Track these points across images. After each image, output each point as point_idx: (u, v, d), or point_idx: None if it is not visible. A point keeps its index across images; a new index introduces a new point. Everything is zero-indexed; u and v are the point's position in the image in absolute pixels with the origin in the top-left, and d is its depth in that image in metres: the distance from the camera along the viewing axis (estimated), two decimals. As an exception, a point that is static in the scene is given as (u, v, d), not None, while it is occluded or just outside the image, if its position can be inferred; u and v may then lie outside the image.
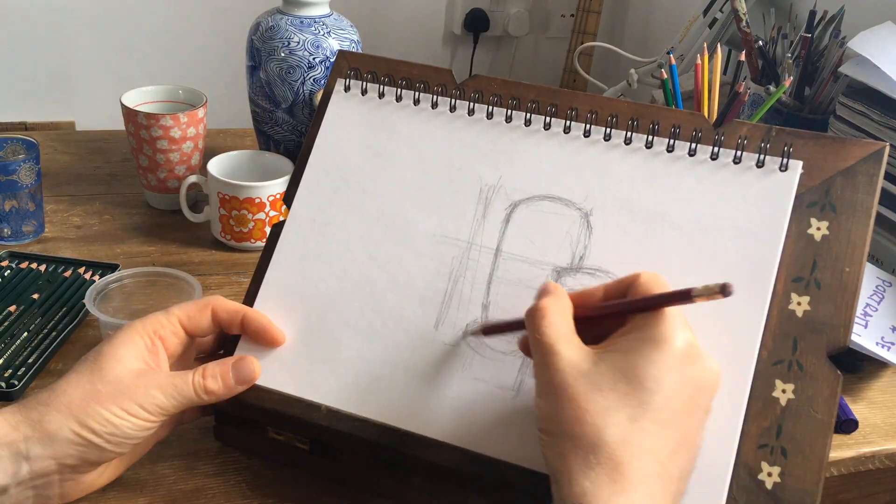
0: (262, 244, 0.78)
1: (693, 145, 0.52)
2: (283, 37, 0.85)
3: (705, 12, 1.19)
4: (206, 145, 0.87)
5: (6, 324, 0.65)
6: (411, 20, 2.02)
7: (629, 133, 0.53)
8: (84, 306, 0.67)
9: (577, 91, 0.56)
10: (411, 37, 2.03)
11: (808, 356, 0.46)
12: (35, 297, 0.68)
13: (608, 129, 0.53)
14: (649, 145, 0.52)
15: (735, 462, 0.45)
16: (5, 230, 0.77)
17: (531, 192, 0.53)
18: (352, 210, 0.55)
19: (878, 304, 0.69)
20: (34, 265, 0.73)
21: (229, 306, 0.52)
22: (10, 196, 0.75)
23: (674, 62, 0.74)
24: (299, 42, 0.84)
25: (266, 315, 0.52)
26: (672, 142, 0.52)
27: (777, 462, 0.45)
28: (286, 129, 0.88)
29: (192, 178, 0.81)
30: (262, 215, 0.77)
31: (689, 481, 0.41)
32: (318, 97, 0.86)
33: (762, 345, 0.47)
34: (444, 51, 2.09)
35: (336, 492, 0.53)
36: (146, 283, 0.65)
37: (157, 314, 0.50)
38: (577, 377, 0.41)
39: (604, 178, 0.52)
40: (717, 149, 0.51)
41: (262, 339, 0.52)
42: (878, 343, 0.65)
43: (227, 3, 1.84)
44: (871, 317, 0.68)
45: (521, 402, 0.48)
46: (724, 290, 0.39)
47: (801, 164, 0.50)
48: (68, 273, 0.72)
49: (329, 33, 0.86)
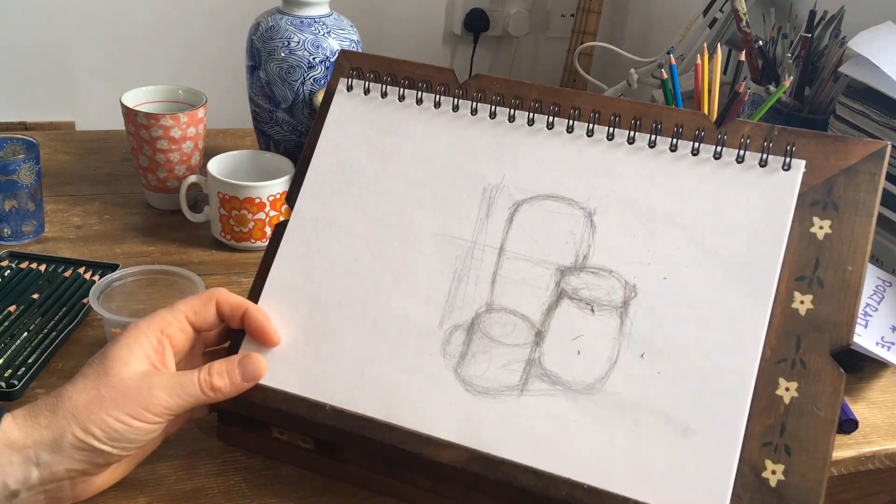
0: (262, 244, 0.78)
1: (696, 144, 0.52)
2: (283, 37, 0.84)
3: (705, 12, 1.19)
4: (206, 145, 0.87)
5: (6, 324, 0.65)
6: (411, 20, 2.02)
7: (632, 132, 0.53)
8: (84, 306, 0.67)
9: (579, 90, 0.57)
10: (411, 37, 2.03)
11: (812, 354, 0.46)
12: (35, 297, 0.68)
13: (611, 129, 0.53)
14: (652, 144, 0.52)
15: (739, 460, 0.45)
16: (5, 230, 0.76)
17: (534, 192, 0.53)
18: (355, 209, 0.55)
19: (879, 303, 0.69)
20: (34, 265, 0.73)
21: (232, 300, 0.52)
22: (10, 196, 0.75)
23: (674, 62, 0.75)
24: (299, 42, 0.84)
25: (266, 314, 0.52)
26: (675, 141, 0.52)
27: (781, 460, 0.45)
28: (286, 129, 0.88)
29: (192, 178, 0.80)
30: (262, 215, 0.77)
31: (692, 479, 0.41)
32: (319, 97, 0.86)
33: (765, 343, 0.47)
34: (444, 51, 2.09)
35: (337, 491, 0.53)
36: (148, 282, 0.65)
37: (162, 312, 0.50)
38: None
39: (607, 177, 0.52)
40: (719, 148, 0.51)
41: (259, 338, 0.52)
42: (878, 343, 0.65)
43: (227, 3, 1.84)
44: (871, 316, 0.68)
45: (525, 401, 0.48)
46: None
47: (803, 163, 0.50)
48: (68, 273, 0.72)
49: (329, 33, 0.86)
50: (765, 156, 0.50)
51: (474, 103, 0.56)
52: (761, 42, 0.96)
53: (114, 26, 1.83)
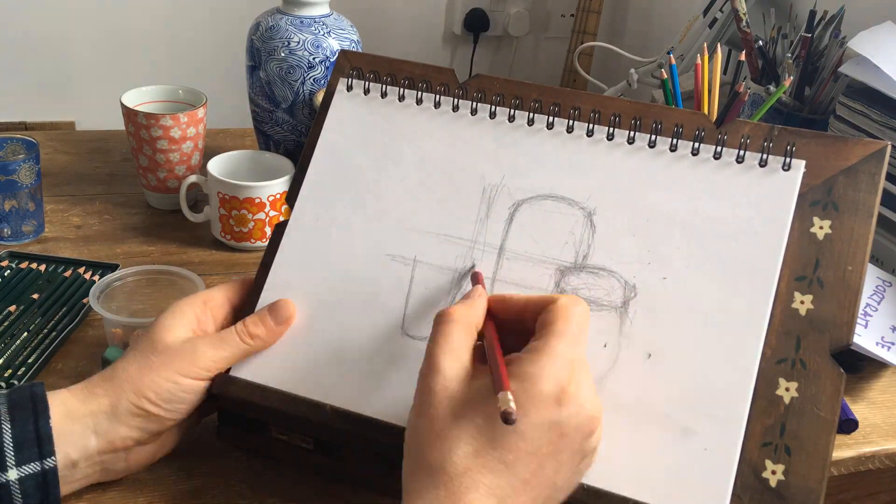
0: (262, 244, 0.78)
1: (696, 145, 0.52)
2: (283, 37, 0.84)
3: (705, 12, 1.19)
4: (206, 145, 0.87)
5: (6, 324, 0.65)
6: (411, 20, 2.02)
7: (632, 132, 0.53)
8: (84, 306, 0.67)
9: (579, 90, 0.57)
10: (411, 37, 2.03)
11: (812, 354, 0.46)
12: (35, 297, 0.68)
13: (611, 129, 0.53)
14: (652, 145, 0.52)
15: (739, 460, 0.45)
16: (5, 230, 0.76)
17: (534, 192, 0.53)
18: (355, 209, 0.55)
19: (879, 304, 0.69)
20: (34, 265, 0.73)
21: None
22: (10, 196, 0.75)
23: (674, 62, 0.75)
24: (299, 42, 0.84)
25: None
26: (675, 141, 0.52)
27: (781, 460, 0.45)
28: (286, 129, 0.88)
29: (192, 178, 0.81)
30: (262, 215, 0.77)
31: (692, 479, 0.41)
32: (319, 97, 0.86)
33: (765, 343, 0.47)
34: (444, 51, 2.09)
35: (338, 491, 0.53)
36: (148, 282, 0.65)
37: (206, 290, 0.55)
38: (444, 399, 0.41)
39: (607, 177, 0.52)
40: (719, 148, 0.51)
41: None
42: (878, 343, 0.65)
43: (227, 3, 1.84)
44: (871, 317, 0.68)
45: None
46: (504, 417, 0.39)
47: (803, 163, 0.50)
48: (68, 273, 0.72)
49: (329, 33, 0.86)
50: (765, 156, 0.50)
51: (474, 103, 0.56)
52: (761, 42, 0.96)
53: (114, 26, 1.83)
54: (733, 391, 0.46)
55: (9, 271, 0.71)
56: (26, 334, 0.64)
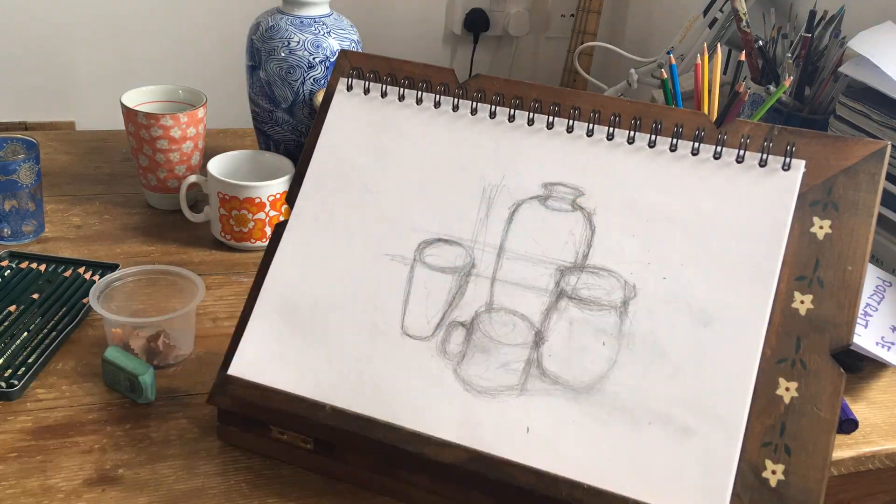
0: (262, 244, 0.78)
1: (696, 144, 0.52)
2: (283, 37, 0.84)
3: (705, 12, 1.19)
4: (206, 145, 0.87)
5: (6, 324, 0.65)
6: (411, 20, 2.02)
7: (632, 132, 0.53)
8: (84, 306, 0.67)
9: (579, 90, 0.57)
10: (411, 37, 2.03)
11: (812, 354, 0.46)
12: (35, 297, 0.68)
13: (611, 129, 0.53)
14: (652, 144, 0.52)
15: (739, 460, 0.45)
16: (5, 230, 0.76)
17: (534, 192, 0.53)
18: (354, 209, 0.55)
19: (879, 303, 0.69)
20: (34, 265, 0.73)
21: None
22: (10, 196, 0.75)
23: (674, 62, 0.74)
24: (299, 42, 0.84)
25: None
26: (675, 141, 0.52)
27: (781, 460, 0.45)
28: (286, 129, 0.88)
29: (192, 178, 0.81)
30: (262, 215, 0.77)
31: (692, 479, 0.41)
32: (319, 97, 0.86)
33: (765, 343, 0.47)
34: (444, 51, 2.09)
35: (337, 491, 0.53)
36: (148, 282, 0.65)
37: None
38: None
39: (606, 177, 0.52)
40: (719, 148, 0.51)
41: None
42: (877, 343, 0.65)
43: (227, 3, 1.84)
44: (871, 316, 0.68)
45: (524, 401, 0.48)
46: None
47: (803, 163, 0.50)
48: (68, 273, 0.72)
49: (329, 33, 0.86)
50: (764, 156, 0.50)
51: (474, 103, 0.56)
52: (761, 42, 0.96)
53: (114, 26, 1.83)
54: (733, 391, 0.46)
55: (9, 271, 0.71)
56: (26, 334, 0.64)
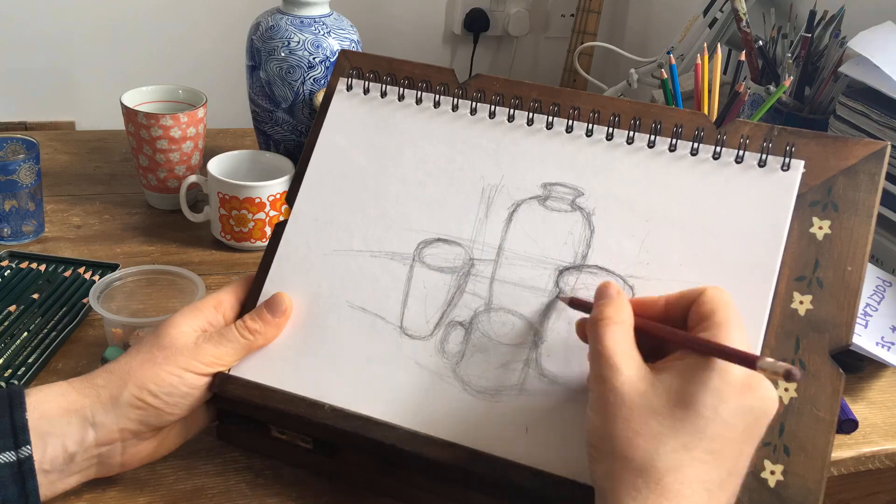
0: (262, 244, 0.78)
1: (695, 145, 0.52)
2: (283, 37, 0.84)
3: (705, 12, 1.19)
4: (206, 145, 0.87)
5: (6, 324, 0.65)
6: (411, 20, 2.02)
7: (631, 132, 0.53)
8: (84, 306, 0.67)
9: (579, 90, 0.57)
10: (411, 37, 2.03)
11: (811, 355, 0.46)
12: (35, 296, 0.68)
13: (610, 129, 0.53)
14: (651, 145, 0.52)
15: (738, 461, 0.45)
16: (5, 230, 0.76)
17: (533, 192, 0.53)
18: (354, 209, 0.55)
19: (879, 303, 0.69)
20: (34, 265, 0.73)
21: None
22: (10, 196, 0.75)
23: (674, 62, 0.75)
24: (299, 42, 0.84)
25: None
26: (674, 141, 0.52)
27: (780, 460, 0.45)
28: (286, 129, 0.88)
29: (192, 178, 0.81)
30: (262, 215, 0.77)
31: None
32: (319, 97, 0.86)
33: (764, 343, 0.47)
34: (444, 50, 2.09)
35: (337, 491, 0.53)
36: (148, 282, 0.65)
37: (216, 291, 0.54)
38: (634, 397, 0.40)
39: (606, 177, 0.52)
40: (719, 148, 0.51)
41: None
42: (877, 343, 0.65)
43: (227, 3, 1.84)
44: (870, 317, 0.68)
45: (523, 401, 0.48)
46: (788, 376, 0.38)
47: (802, 163, 0.50)
48: (68, 273, 0.72)
49: (329, 33, 0.86)
50: (764, 156, 0.50)
51: (474, 103, 0.56)
52: (761, 42, 0.96)
53: (114, 26, 1.83)
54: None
55: (9, 271, 0.72)
56: (26, 334, 0.64)
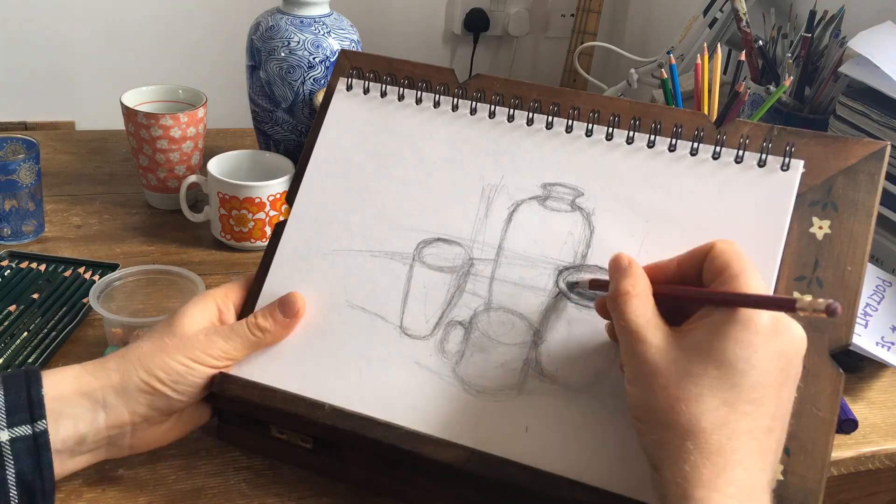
0: (262, 244, 0.78)
1: (695, 145, 0.52)
2: (283, 37, 0.85)
3: (705, 12, 1.19)
4: (206, 145, 0.87)
5: (6, 324, 0.65)
6: (411, 20, 2.02)
7: (631, 132, 0.53)
8: (84, 306, 0.67)
9: (579, 90, 0.57)
10: (411, 37, 2.03)
11: (811, 354, 0.46)
12: (35, 296, 0.68)
13: (610, 129, 0.53)
14: (651, 145, 0.52)
15: (737, 461, 0.45)
16: (5, 230, 0.76)
17: (533, 192, 0.53)
18: (354, 209, 0.55)
19: (878, 303, 0.69)
20: (34, 265, 0.73)
21: None
22: (10, 196, 0.75)
23: (674, 62, 0.75)
24: (299, 42, 0.84)
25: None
26: (674, 141, 0.52)
27: (780, 460, 0.45)
28: (286, 129, 0.88)
29: (192, 178, 0.81)
30: (262, 215, 0.77)
31: None
32: (319, 97, 0.86)
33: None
34: (444, 50, 2.09)
35: (338, 491, 0.53)
36: (148, 282, 0.65)
37: (224, 285, 0.55)
38: (667, 364, 0.41)
39: (606, 177, 0.52)
40: (718, 148, 0.51)
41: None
42: (877, 343, 0.65)
43: (227, 3, 1.84)
44: (870, 317, 0.68)
45: (524, 401, 0.48)
46: (830, 311, 0.38)
47: (802, 163, 0.50)
48: (68, 273, 0.72)
49: (329, 33, 0.86)
50: (763, 156, 0.50)
51: (474, 103, 0.56)
52: (761, 42, 0.96)
53: (114, 26, 1.83)
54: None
55: (9, 271, 0.72)
56: (26, 334, 0.64)
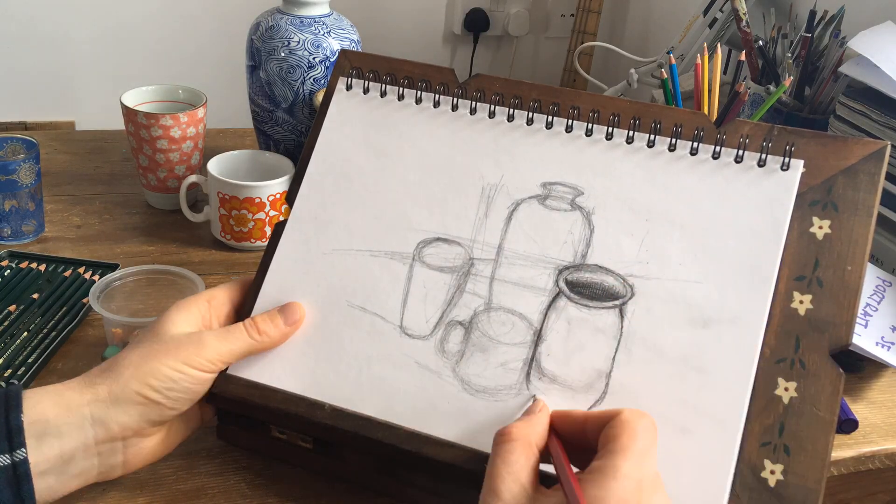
0: (262, 244, 0.78)
1: (695, 144, 0.52)
2: (283, 37, 0.85)
3: (705, 12, 1.19)
4: (206, 145, 0.87)
5: (6, 324, 0.65)
6: (411, 20, 2.02)
7: (631, 132, 0.53)
8: (84, 306, 0.67)
9: (579, 90, 0.57)
10: (411, 37, 2.03)
11: (811, 354, 0.46)
12: (35, 296, 0.68)
13: (610, 129, 0.53)
14: (651, 144, 0.52)
15: (738, 460, 0.45)
16: (5, 230, 0.76)
17: (533, 191, 0.53)
18: (354, 209, 0.55)
19: (879, 303, 0.69)
20: (34, 265, 0.73)
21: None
22: (10, 196, 0.75)
23: (674, 62, 0.75)
24: (299, 42, 0.84)
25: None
26: (674, 141, 0.52)
27: (780, 460, 0.45)
28: (286, 129, 0.88)
29: (192, 178, 0.81)
30: (262, 215, 0.77)
31: (691, 479, 0.41)
32: (319, 97, 0.86)
33: (764, 343, 0.47)
34: (444, 50, 2.09)
35: (338, 491, 0.53)
36: (148, 282, 0.65)
37: (209, 289, 0.54)
38: None
39: (605, 177, 0.52)
40: (718, 148, 0.51)
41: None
42: (877, 343, 0.65)
43: (227, 3, 1.84)
44: (871, 317, 0.68)
45: (523, 401, 0.48)
46: None
47: (802, 163, 0.50)
48: (68, 273, 0.72)
49: (329, 33, 0.86)
50: (763, 156, 0.50)
51: (473, 103, 0.56)
52: (761, 42, 0.96)
53: (114, 26, 1.83)
54: (731, 391, 0.46)
55: (9, 271, 0.72)
56: (26, 334, 0.64)
